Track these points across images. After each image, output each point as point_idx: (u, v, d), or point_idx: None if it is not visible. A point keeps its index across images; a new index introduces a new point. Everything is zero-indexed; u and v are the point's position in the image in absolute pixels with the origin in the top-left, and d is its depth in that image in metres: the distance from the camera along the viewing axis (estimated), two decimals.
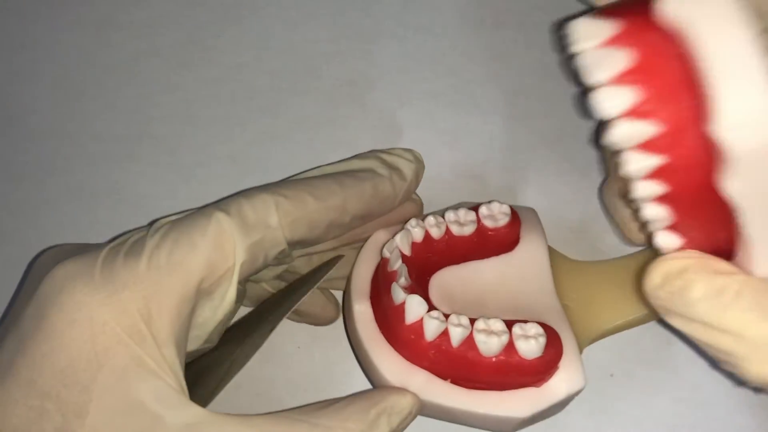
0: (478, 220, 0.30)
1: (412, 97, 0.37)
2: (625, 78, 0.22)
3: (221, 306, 0.25)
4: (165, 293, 0.23)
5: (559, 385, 0.27)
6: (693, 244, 0.25)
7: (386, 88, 0.37)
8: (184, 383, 0.23)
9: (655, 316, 0.30)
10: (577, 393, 0.28)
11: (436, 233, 0.30)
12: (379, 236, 0.31)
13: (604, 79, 0.22)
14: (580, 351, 0.29)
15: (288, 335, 0.33)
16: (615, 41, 0.22)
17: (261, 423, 0.24)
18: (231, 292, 0.24)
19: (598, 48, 0.22)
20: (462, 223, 0.30)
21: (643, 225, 0.26)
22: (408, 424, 0.26)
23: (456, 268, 0.31)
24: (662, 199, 0.24)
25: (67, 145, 0.37)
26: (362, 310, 0.29)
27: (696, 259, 0.24)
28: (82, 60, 0.38)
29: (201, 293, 0.24)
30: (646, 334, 0.34)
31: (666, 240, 0.25)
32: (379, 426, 0.25)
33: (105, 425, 0.22)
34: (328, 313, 0.32)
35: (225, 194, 0.29)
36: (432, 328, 0.27)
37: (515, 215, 0.31)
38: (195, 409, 0.23)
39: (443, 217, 0.30)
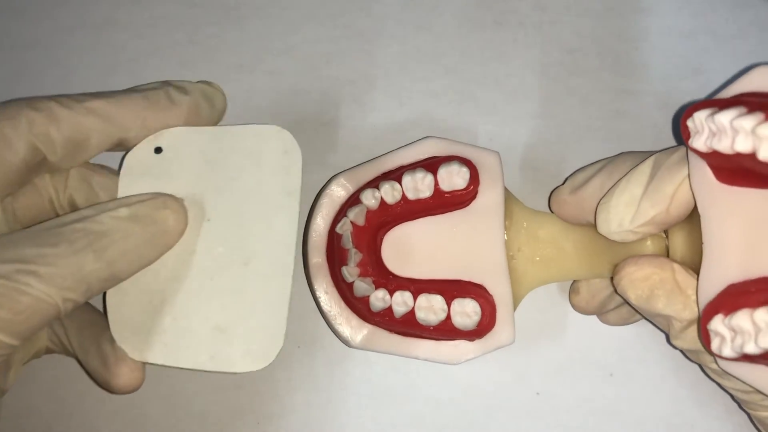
0: (436, 183, 0.30)
1: (412, 97, 0.37)
2: None
3: None
4: None
5: (490, 340, 0.30)
6: None
7: (386, 88, 0.37)
8: None
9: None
10: (506, 346, 0.30)
11: (391, 200, 0.31)
12: (336, 191, 0.32)
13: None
14: (516, 305, 0.31)
15: (288, 335, 0.33)
16: None
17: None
18: None
19: None
20: (419, 189, 0.30)
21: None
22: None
23: (410, 225, 0.31)
24: None
25: None
26: (318, 264, 0.31)
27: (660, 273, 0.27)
28: (82, 60, 0.38)
29: None
30: (646, 333, 0.34)
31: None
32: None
33: None
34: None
35: None
36: (378, 306, 0.30)
37: (474, 176, 0.30)
38: None
39: (400, 183, 0.30)
